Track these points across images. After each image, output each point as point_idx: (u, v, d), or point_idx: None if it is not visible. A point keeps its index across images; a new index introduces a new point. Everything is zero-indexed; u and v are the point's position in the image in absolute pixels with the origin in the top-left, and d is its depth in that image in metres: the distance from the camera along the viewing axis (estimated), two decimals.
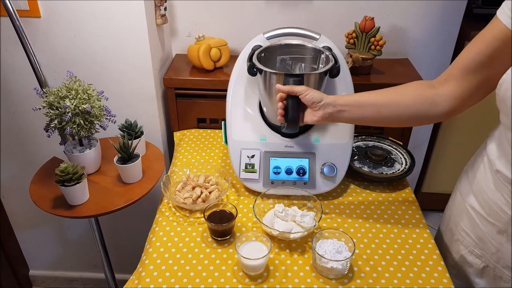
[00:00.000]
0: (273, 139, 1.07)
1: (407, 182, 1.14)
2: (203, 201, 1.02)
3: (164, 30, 1.38)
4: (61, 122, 1.03)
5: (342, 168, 1.05)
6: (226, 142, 1.10)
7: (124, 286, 0.87)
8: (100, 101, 1.07)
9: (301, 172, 1.04)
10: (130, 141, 1.11)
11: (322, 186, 1.05)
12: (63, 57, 1.26)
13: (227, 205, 0.98)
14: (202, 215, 0.98)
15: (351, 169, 1.10)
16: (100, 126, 1.09)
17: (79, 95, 1.03)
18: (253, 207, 0.97)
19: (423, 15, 1.40)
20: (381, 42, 1.31)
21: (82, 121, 1.03)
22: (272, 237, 0.93)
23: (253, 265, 0.84)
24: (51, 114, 1.02)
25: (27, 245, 1.75)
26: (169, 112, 1.41)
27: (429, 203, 1.85)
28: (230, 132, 1.08)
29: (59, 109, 1.01)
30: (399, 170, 1.13)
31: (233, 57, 1.35)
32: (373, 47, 1.33)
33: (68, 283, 1.86)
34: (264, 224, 0.92)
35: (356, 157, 1.17)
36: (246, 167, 1.05)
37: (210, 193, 1.04)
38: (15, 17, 1.00)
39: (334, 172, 1.04)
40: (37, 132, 1.40)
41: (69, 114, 1.01)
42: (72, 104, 1.01)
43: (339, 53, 1.05)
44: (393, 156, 1.19)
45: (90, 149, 1.12)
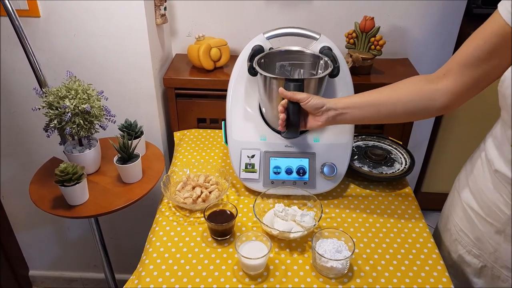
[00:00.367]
0: (273, 139, 1.07)
1: (407, 181, 1.14)
2: (203, 201, 1.02)
3: (164, 30, 1.38)
4: (60, 122, 1.02)
5: (342, 168, 1.06)
6: (226, 142, 1.10)
7: (124, 286, 0.87)
8: (100, 101, 1.07)
9: (301, 172, 1.04)
10: (130, 141, 1.11)
11: (322, 186, 1.05)
12: (62, 57, 1.26)
13: (227, 204, 0.98)
14: (202, 215, 0.98)
15: (351, 169, 1.10)
16: (100, 126, 1.09)
17: (78, 95, 1.02)
18: (253, 206, 0.97)
19: (423, 15, 1.40)
20: (381, 42, 1.31)
21: (81, 121, 1.03)
22: (272, 237, 0.93)
23: (253, 265, 0.84)
24: (50, 114, 1.02)
25: (27, 245, 1.75)
26: (169, 112, 1.41)
27: (429, 202, 1.85)
28: (230, 132, 1.08)
29: (59, 109, 1.01)
30: (399, 169, 1.14)
31: (233, 57, 1.35)
32: (373, 47, 1.33)
33: (68, 283, 1.86)
34: (264, 223, 0.92)
35: (356, 157, 1.17)
36: (246, 167, 1.05)
37: (210, 193, 1.04)
38: (14, 17, 1.00)
39: (334, 172, 1.04)
40: (36, 132, 1.40)
41: (69, 114, 1.01)
42: (72, 104, 1.01)
43: (339, 53, 1.05)
44: (393, 156, 1.19)
45: (89, 149, 1.12)
